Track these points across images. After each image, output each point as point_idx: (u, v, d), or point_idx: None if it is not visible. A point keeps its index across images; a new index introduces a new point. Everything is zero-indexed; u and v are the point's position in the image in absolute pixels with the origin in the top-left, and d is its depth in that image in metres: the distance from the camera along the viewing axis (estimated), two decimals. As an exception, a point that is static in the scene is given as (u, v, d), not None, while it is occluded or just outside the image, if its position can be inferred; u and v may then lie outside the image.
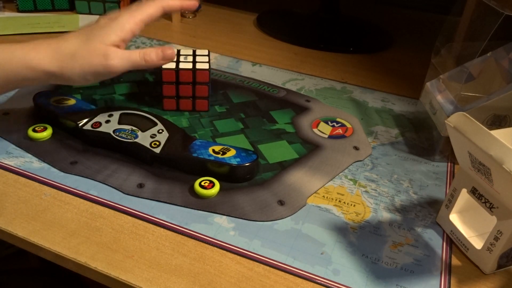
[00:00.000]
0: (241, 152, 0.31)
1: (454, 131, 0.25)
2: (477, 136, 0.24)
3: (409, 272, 0.26)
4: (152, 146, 0.31)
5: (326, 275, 0.25)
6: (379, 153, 0.37)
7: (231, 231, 0.28)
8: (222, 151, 0.31)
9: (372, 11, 0.70)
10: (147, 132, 0.33)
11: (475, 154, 0.24)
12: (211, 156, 0.31)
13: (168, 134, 0.32)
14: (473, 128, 0.24)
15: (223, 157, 0.31)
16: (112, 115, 0.34)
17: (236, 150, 0.32)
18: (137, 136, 0.32)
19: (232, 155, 0.31)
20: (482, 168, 0.24)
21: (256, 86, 0.45)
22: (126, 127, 0.33)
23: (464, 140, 0.25)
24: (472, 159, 0.25)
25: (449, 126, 0.26)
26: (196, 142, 0.32)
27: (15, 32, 0.52)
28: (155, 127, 0.33)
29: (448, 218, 0.29)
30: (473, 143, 0.24)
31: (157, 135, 0.32)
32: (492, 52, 0.36)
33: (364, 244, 0.27)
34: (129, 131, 0.32)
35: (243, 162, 0.30)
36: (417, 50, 0.58)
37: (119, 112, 0.34)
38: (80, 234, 0.27)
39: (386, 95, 0.46)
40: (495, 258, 0.25)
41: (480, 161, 0.24)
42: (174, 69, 0.37)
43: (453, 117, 0.25)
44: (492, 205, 0.25)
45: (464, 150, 0.25)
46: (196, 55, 0.40)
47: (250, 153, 0.32)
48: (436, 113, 0.36)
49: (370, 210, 0.30)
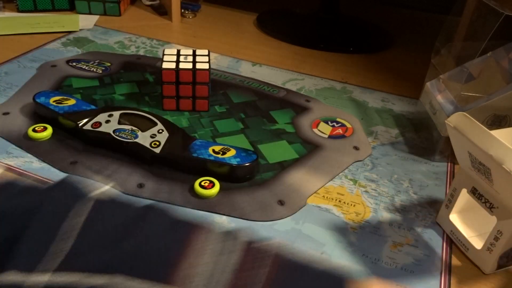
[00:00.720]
0: (241, 152, 0.32)
1: (454, 131, 0.25)
2: (477, 136, 0.24)
3: (409, 272, 0.26)
4: (152, 146, 0.32)
5: (326, 275, 0.25)
6: (379, 153, 0.37)
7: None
8: (222, 151, 0.31)
9: (372, 11, 0.70)
10: (147, 132, 0.33)
11: (475, 154, 0.24)
12: (211, 156, 0.31)
13: (168, 134, 0.33)
14: (473, 128, 0.24)
15: (223, 157, 0.31)
16: (112, 115, 0.34)
17: (236, 150, 0.32)
18: (137, 136, 0.32)
19: (232, 155, 0.31)
20: (482, 168, 0.25)
21: (256, 86, 0.45)
22: (126, 127, 0.33)
23: (464, 140, 0.25)
24: (472, 159, 0.25)
25: (449, 126, 0.26)
26: (196, 142, 0.32)
27: (15, 32, 0.52)
28: (155, 127, 0.33)
29: (448, 218, 0.29)
30: (473, 143, 0.24)
31: (157, 135, 0.32)
32: (492, 52, 0.36)
33: (364, 244, 0.28)
34: (129, 131, 0.33)
35: (243, 162, 0.31)
36: (417, 50, 0.58)
37: (119, 112, 0.34)
38: None
39: (386, 95, 0.46)
40: (495, 258, 0.25)
41: (480, 161, 0.24)
42: (174, 69, 0.37)
43: (453, 117, 0.26)
44: (492, 205, 0.25)
45: (464, 150, 0.25)
46: (196, 55, 0.40)
47: (250, 153, 0.32)
48: (436, 113, 0.36)
49: (370, 210, 0.30)
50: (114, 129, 0.33)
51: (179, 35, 0.57)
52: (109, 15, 0.60)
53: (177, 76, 0.37)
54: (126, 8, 0.64)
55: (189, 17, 0.63)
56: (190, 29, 0.59)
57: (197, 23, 0.61)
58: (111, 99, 0.41)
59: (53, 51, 0.49)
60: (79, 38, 0.53)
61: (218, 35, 0.58)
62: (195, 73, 0.37)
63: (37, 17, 0.57)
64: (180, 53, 0.40)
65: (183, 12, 0.62)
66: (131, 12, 0.63)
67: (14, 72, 0.44)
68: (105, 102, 0.40)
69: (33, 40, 0.51)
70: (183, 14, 0.62)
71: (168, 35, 0.56)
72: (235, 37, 0.58)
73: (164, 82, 0.38)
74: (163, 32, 0.57)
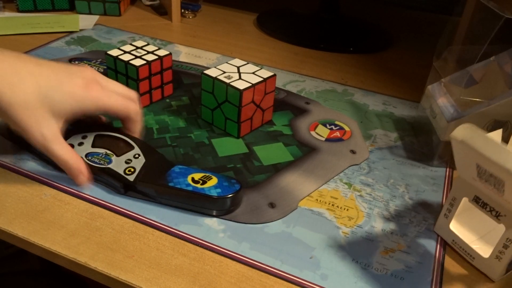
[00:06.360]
0: (223, 181, 0.30)
1: (460, 144, 0.25)
2: (490, 149, 0.24)
3: (399, 278, 0.27)
4: (126, 173, 0.30)
5: (314, 279, 0.26)
6: (377, 157, 0.38)
7: (221, 233, 0.29)
8: (202, 180, 0.30)
9: (372, 11, 0.71)
10: (122, 157, 0.31)
11: (486, 166, 0.25)
12: (189, 186, 0.29)
13: (144, 160, 0.31)
14: (484, 141, 0.24)
15: (202, 187, 0.29)
16: (86, 137, 0.32)
17: (218, 178, 0.30)
18: (111, 161, 0.31)
19: (213, 184, 0.29)
20: (492, 179, 0.25)
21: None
22: (100, 151, 0.31)
23: (473, 153, 0.25)
24: (480, 170, 0.25)
25: (455, 139, 0.26)
26: (175, 169, 0.30)
27: (15, 32, 0.54)
28: (131, 151, 0.31)
29: (448, 227, 0.29)
30: (485, 157, 0.24)
31: (132, 161, 0.31)
32: (495, 56, 0.36)
33: (355, 249, 0.29)
34: (103, 155, 0.31)
35: (224, 194, 0.29)
36: (417, 50, 0.59)
37: (94, 134, 0.33)
38: (80, 234, 0.28)
39: (387, 98, 0.47)
40: (504, 265, 0.26)
41: (491, 173, 0.24)
42: (146, 63, 0.39)
43: (460, 130, 0.25)
44: (498, 213, 0.26)
45: (471, 162, 0.26)
46: (142, 47, 0.41)
47: (233, 182, 0.30)
48: (436, 117, 0.37)
49: (364, 214, 0.31)
50: (87, 152, 0.31)
51: (179, 35, 0.59)
52: (109, 15, 0.62)
53: (149, 69, 0.39)
54: (126, 8, 0.66)
55: (189, 17, 0.64)
56: (190, 29, 0.61)
57: (197, 23, 0.63)
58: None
59: (56, 50, 0.51)
60: (83, 37, 0.55)
61: (218, 35, 0.59)
62: (162, 60, 0.40)
63: (37, 17, 0.59)
64: (126, 51, 0.41)
65: (183, 12, 0.64)
66: (131, 12, 0.65)
67: (15, 73, 0.46)
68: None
69: (33, 40, 0.53)
70: (183, 14, 0.64)
71: (168, 35, 0.58)
72: (235, 37, 0.59)
73: (141, 79, 0.39)
74: (163, 32, 0.59)
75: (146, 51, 0.41)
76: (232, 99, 0.36)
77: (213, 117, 0.39)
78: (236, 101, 0.36)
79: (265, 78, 0.37)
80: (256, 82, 0.36)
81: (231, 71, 0.38)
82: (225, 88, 0.36)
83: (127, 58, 0.39)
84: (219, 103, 0.38)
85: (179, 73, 0.48)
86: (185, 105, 0.43)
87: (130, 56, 0.40)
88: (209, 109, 0.39)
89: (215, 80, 0.37)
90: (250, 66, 0.39)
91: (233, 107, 0.37)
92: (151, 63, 0.40)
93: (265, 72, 0.38)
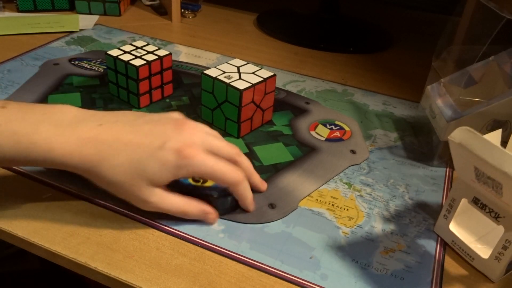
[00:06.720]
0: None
1: (459, 147, 0.26)
2: (487, 152, 0.24)
3: (399, 278, 0.27)
4: None
5: (314, 279, 0.26)
6: (377, 157, 0.38)
7: (221, 233, 0.29)
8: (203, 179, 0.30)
9: (372, 11, 0.71)
10: None
11: (483, 169, 0.25)
12: (189, 185, 0.29)
13: None
14: (482, 144, 0.24)
15: (202, 186, 0.29)
16: None
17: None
18: None
19: (213, 184, 0.29)
20: (490, 181, 0.25)
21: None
22: None
23: (471, 156, 0.25)
24: (478, 173, 0.25)
25: (453, 142, 0.26)
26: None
27: (15, 32, 0.55)
28: None
29: (448, 228, 0.29)
30: (483, 159, 0.24)
31: None
32: (495, 56, 0.36)
33: (355, 249, 0.29)
34: None
35: (225, 193, 0.29)
36: (417, 50, 0.59)
37: None
38: (80, 234, 0.28)
39: (387, 98, 0.48)
40: (503, 266, 0.26)
41: (489, 175, 0.25)
42: (146, 63, 0.39)
43: (457, 132, 0.25)
44: (497, 214, 0.26)
45: (469, 165, 0.26)
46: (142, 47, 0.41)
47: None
48: (436, 117, 0.37)
49: (364, 214, 0.32)
50: None
51: (179, 35, 0.59)
52: (109, 15, 0.63)
53: (149, 69, 0.39)
54: (126, 8, 0.66)
55: (189, 17, 0.65)
56: (190, 29, 0.61)
57: (197, 23, 0.63)
58: (110, 98, 0.43)
59: (57, 50, 0.51)
60: (83, 37, 0.55)
61: (218, 35, 0.60)
62: (162, 60, 0.40)
63: (37, 17, 0.59)
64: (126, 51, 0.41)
65: (183, 12, 0.65)
66: (131, 12, 0.65)
67: (17, 70, 0.46)
68: (104, 101, 0.42)
69: (33, 40, 0.53)
70: (183, 14, 0.64)
71: (168, 35, 0.58)
72: (235, 37, 0.60)
73: (141, 79, 0.39)
74: (163, 32, 0.59)
75: (146, 51, 0.41)
76: (232, 99, 0.36)
77: (213, 117, 0.39)
78: (236, 101, 0.36)
79: (265, 78, 0.37)
80: (256, 82, 0.37)
81: (231, 71, 0.38)
82: (225, 88, 0.36)
83: (127, 58, 0.40)
84: (219, 103, 0.38)
85: (179, 73, 0.49)
86: (185, 105, 0.43)
87: (130, 56, 0.40)
88: (209, 109, 0.39)
89: (215, 80, 0.37)
90: (250, 66, 0.39)
91: (233, 107, 0.37)
92: (151, 63, 0.40)
93: (265, 72, 0.38)
